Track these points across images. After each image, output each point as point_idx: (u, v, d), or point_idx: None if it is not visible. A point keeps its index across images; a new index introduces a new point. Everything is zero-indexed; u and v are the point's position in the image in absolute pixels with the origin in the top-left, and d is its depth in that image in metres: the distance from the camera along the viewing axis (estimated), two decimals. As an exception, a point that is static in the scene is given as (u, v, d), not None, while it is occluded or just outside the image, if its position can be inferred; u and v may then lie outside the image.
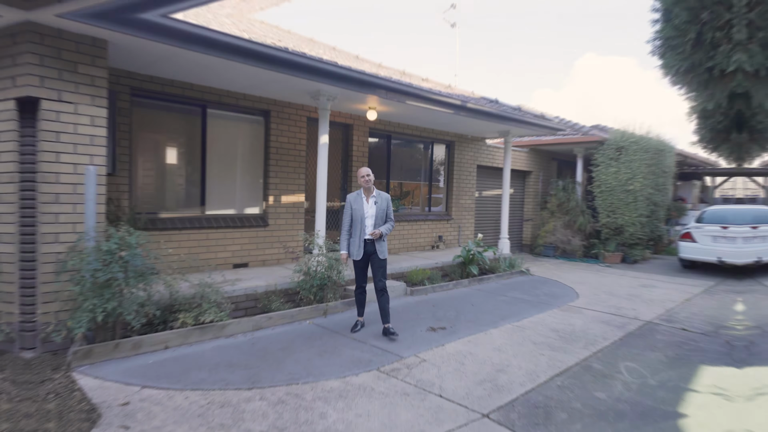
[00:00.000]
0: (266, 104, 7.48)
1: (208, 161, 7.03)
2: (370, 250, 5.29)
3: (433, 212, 10.85)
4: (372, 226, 5.24)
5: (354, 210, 5.25)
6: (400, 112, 8.42)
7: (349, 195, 5.33)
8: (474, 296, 7.71)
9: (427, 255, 9.64)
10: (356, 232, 5.24)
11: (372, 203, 5.27)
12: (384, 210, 5.32)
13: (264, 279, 6.54)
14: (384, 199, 5.36)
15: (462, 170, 11.24)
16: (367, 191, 5.28)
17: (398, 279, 8.04)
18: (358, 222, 5.22)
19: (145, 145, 6.40)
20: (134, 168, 6.29)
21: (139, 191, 6.38)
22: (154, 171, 6.50)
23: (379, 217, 5.26)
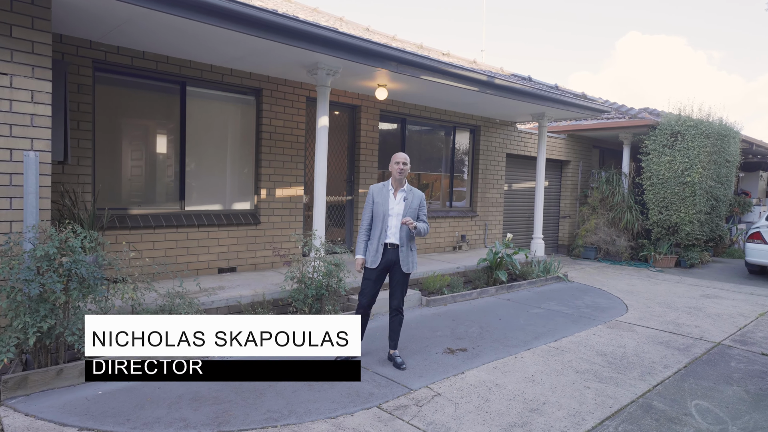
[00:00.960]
0: (257, 81, 6.88)
1: (188, 148, 6.47)
2: (391, 259, 4.47)
3: (455, 208, 10.13)
4: (397, 228, 4.48)
5: (376, 204, 4.53)
6: (416, 90, 7.72)
7: (373, 186, 4.64)
8: (502, 308, 6.99)
9: (448, 257, 8.94)
10: (375, 233, 4.52)
11: (400, 199, 4.53)
12: (415, 210, 4.58)
13: (252, 286, 5.96)
14: (417, 197, 4.62)
15: (489, 160, 10.48)
16: (397, 183, 4.56)
17: (412, 286, 7.37)
18: (379, 220, 4.49)
19: (111, 129, 5.86)
20: (99, 156, 5.76)
21: (105, 183, 5.85)
22: (123, 160, 5.97)
23: (407, 215, 4.52)
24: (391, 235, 4.50)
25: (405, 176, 4.57)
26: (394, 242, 4.50)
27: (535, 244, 9.82)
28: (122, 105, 5.94)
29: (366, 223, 4.57)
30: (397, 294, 4.60)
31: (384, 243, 4.50)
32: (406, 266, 4.55)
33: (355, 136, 8.27)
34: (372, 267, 4.51)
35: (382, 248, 4.50)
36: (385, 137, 8.86)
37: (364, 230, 4.57)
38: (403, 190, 4.58)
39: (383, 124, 8.76)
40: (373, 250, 4.51)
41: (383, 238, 4.49)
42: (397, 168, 4.51)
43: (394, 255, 4.52)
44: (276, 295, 5.74)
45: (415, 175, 9.51)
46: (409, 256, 4.56)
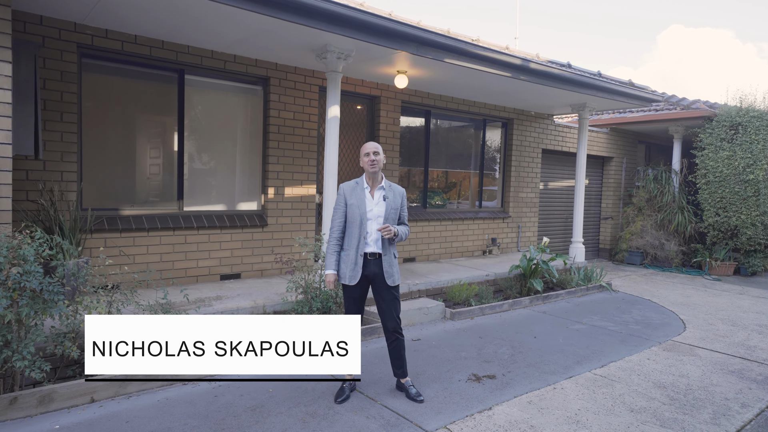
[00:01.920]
0: (264, 69, 6.25)
1: (187, 143, 5.89)
2: (372, 272, 3.76)
3: (485, 208, 9.29)
4: (379, 234, 3.77)
5: (350, 206, 3.79)
6: (441, 78, 6.94)
7: (344, 184, 3.89)
8: (537, 323, 6.14)
9: (476, 263, 8.13)
10: (351, 242, 3.78)
11: (379, 198, 3.81)
12: (396, 210, 3.87)
13: (253, 296, 5.33)
14: (398, 194, 3.90)
15: (522, 156, 9.59)
16: (372, 179, 3.82)
17: (435, 296, 6.61)
18: (356, 226, 3.76)
19: (101, 121, 5.33)
20: (86, 152, 5.23)
21: (93, 182, 5.32)
22: (113, 156, 5.43)
23: (390, 220, 3.83)
24: (372, 242, 3.78)
25: (379, 169, 3.82)
26: (375, 251, 3.78)
27: (575, 248, 8.87)
28: (113, 95, 5.41)
29: (337, 230, 3.82)
30: (391, 313, 3.86)
31: (364, 253, 3.77)
32: (392, 278, 3.82)
33: (374, 130, 7.55)
34: (351, 283, 3.78)
35: (362, 259, 3.77)
36: (407, 132, 8.12)
37: (335, 239, 3.82)
38: (381, 188, 3.84)
39: (405, 117, 8.01)
40: (351, 262, 3.77)
41: (362, 248, 3.76)
42: (367, 161, 3.76)
43: (377, 266, 3.79)
44: (278, 307, 5.09)
45: (442, 173, 8.73)
46: (393, 265, 3.84)
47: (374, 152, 3.77)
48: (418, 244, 8.04)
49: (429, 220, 8.13)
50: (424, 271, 7.28)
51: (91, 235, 5.13)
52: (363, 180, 3.84)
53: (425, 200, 8.32)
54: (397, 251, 3.96)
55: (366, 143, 3.83)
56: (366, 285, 3.85)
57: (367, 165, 3.76)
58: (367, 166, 3.76)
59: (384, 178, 3.89)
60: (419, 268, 7.51)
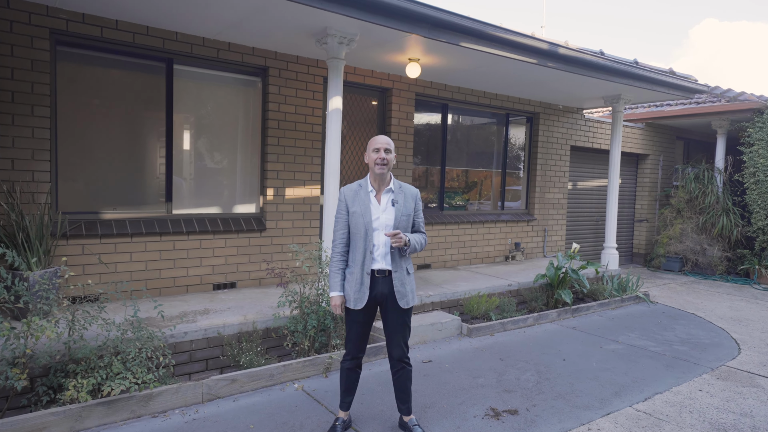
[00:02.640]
0: (262, 58, 5.68)
1: (176, 140, 5.37)
2: (382, 292, 3.16)
3: (507, 210, 8.56)
4: (387, 246, 3.15)
5: (352, 215, 3.17)
6: (459, 66, 6.27)
7: (346, 188, 3.27)
8: (566, 341, 5.41)
9: (498, 271, 7.42)
10: (356, 257, 3.17)
11: (387, 203, 3.18)
12: (409, 216, 3.22)
13: (245, 310, 4.77)
14: (410, 196, 3.26)
15: (549, 153, 8.82)
16: (380, 180, 3.19)
17: (451, 309, 5.94)
18: (360, 238, 3.15)
19: (78, 116, 4.84)
20: (61, 149, 4.75)
21: (70, 182, 4.83)
22: (93, 153, 4.93)
23: (401, 229, 3.19)
24: (380, 257, 3.16)
25: (389, 170, 3.19)
26: (383, 267, 3.16)
27: (607, 255, 8.07)
28: (93, 87, 4.91)
29: (340, 244, 3.21)
30: (398, 340, 3.24)
31: (371, 270, 3.15)
32: (404, 299, 3.19)
33: (385, 126, 6.92)
34: (357, 307, 3.16)
35: (369, 278, 3.15)
36: (422, 127, 7.46)
37: (338, 254, 3.21)
38: (389, 190, 3.21)
39: (420, 111, 7.36)
40: (356, 282, 3.15)
41: (368, 264, 3.14)
42: (376, 158, 3.13)
43: (386, 285, 3.17)
44: (270, 323, 4.51)
45: (461, 172, 8.04)
46: (406, 284, 3.20)
47: (386, 149, 3.14)
48: (433, 249, 7.38)
49: (446, 223, 7.46)
50: (440, 280, 6.62)
51: (67, 242, 4.64)
52: (367, 182, 3.21)
53: (442, 201, 7.65)
54: (412, 266, 3.30)
55: (376, 136, 3.20)
56: (374, 308, 3.23)
57: (376, 164, 3.12)
58: (374, 165, 3.13)
59: (393, 179, 3.25)
60: (434, 276, 6.85)
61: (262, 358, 4.16)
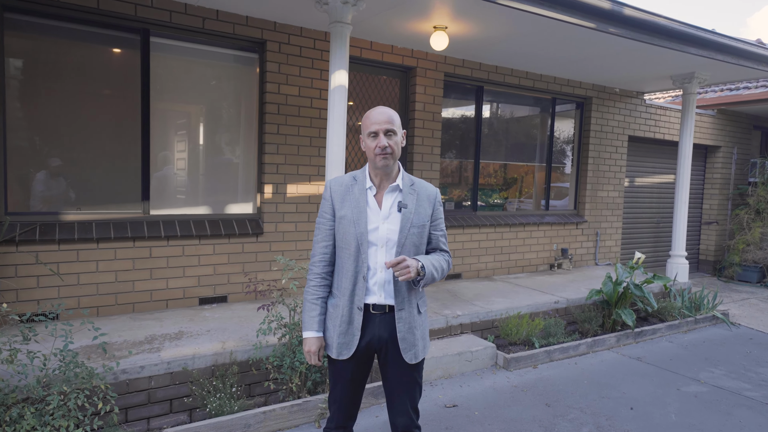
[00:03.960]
0: (259, 30, 4.77)
1: (155, 127, 4.53)
2: (378, 337, 2.17)
3: (552, 210, 7.38)
4: (387, 273, 2.16)
5: (340, 220, 2.16)
6: (495, 35, 5.18)
7: (332, 181, 2.26)
8: (630, 378, 4.26)
9: (541, 283, 6.28)
10: (342, 283, 2.18)
11: (391, 207, 2.18)
12: (423, 227, 2.20)
13: (228, 333, 3.88)
14: (425, 198, 2.24)
15: (603, 144, 7.57)
16: (382, 174, 2.18)
17: (483, 332, 4.88)
18: (349, 255, 2.16)
19: (32, 99, 4.06)
20: (10, 138, 3.97)
21: (21, 178, 4.05)
22: (52, 143, 4.14)
23: (410, 245, 2.17)
24: (377, 286, 2.16)
25: (396, 159, 2.17)
26: (382, 302, 2.17)
27: (675, 265, 6.77)
28: (50, 64, 4.11)
29: (321, 262, 2.22)
30: (402, 405, 2.24)
31: (363, 304, 2.16)
32: (412, 350, 2.18)
33: (407, 111, 5.90)
34: (342, 357, 2.18)
35: (360, 316, 2.16)
36: (452, 114, 6.40)
37: (317, 275, 2.23)
38: (395, 188, 2.20)
39: (450, 94, 6.29)
40: (341, 319, 2.16)
41: (360, 295, 2.15)
42: (375, 147, 2.11)
43: (385, 327, 2.17)
44: (252, 353, 3.59)
45: (498, 167, 6.92)
46: (415, 328, 2.20)
47: (387, 130, 2.10)
48: (465, 256, 6.32)
49: (480, 225, 6.38)
50: (471, 294, 5.56)
51: (16, 249, 3.87)
52: (365, 174, 2.21)
53: (475, 200, 6.57)
54: (425, 301, 2.30)
55: (371, 111, 2.16)
56: (368, 358, 2.24)
57: (376, 155, 2.11)
58: (374, 156, 2.11)
59: (402, 171, 2.24)
60: (464, 289, 5.79)
61: (235, 403, 3.24)
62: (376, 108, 2.16)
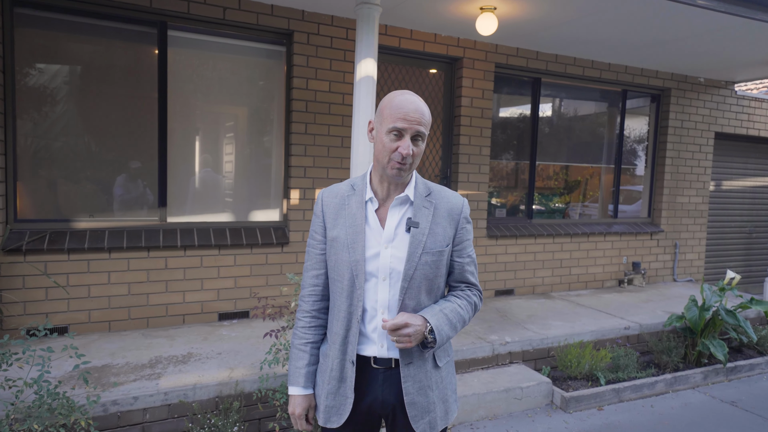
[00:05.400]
0: (285, 19, 4.34)
1: (172, 128, 4.20)
2: (382, 401, 1.62)
3: (622, 219, 6.48)
4: (394, 308, 1.58)
5: (332, 243, 1.62)
6: (554, 17, 4.47)
7: (326, 192, 1.70)
8: (723, 429, 3.42)
9: (608, 302, 5.44)
10: (334, 326, 1.63)
11: (397, 221, 1.59)
12: (440, 254, 1.60)
13: (240, 358, 3.46)
14: (447, 214, 1.63)
15: (684, 143, 6.57)
16: (389, 183, 1.61)
17: (537, 362, 4.18)
18: (342, 291, 1.60)
19: (43, 98, 3.82)
20: (20, 141, 3.75)
21: (31, 182, 3.82)
22: (63, 146, 3.89)
23: (422, 275, 1.58)
24: (376, 333, 1.61)
25: (413, 170, 1.61)
26: (384, 355, 1.62)
27: (774, 284, 5.70)
28: (61, 60, 3.86)
29: (311, 297, 1.70)
30: None
31: (355, 356, 1.61)
32: (426, 416, 1.62)
33: (453, 107, 5.28)
34: (331, 425, 1.64)
35: (353, 372, 1.61)
36: (504, 109, 5.70)
37: (307, 314, 1.70)
38: (403, 199, 1.62)
39: (502, 88, 5.60)
40: (331, 374, 1.63)
41: (354, 343, 1.61)
42: (397, 150, 1.52)
43: (391, 388, 1.62)
44: (258, 384, 3.12)
45: (559, 169, 6.13)
46: (430, 386, 1.64)
47: (416, 132, 1.51)
48: (518, 269, 5.59)
49: (535, 235, 5.63)
50: (523, 314, 4.85)
51: (24, 258, 3.63)
52: (366, 182, 1.65)
53: (530, 207, 5.82)
54: (449, 347, 1.73)
55: (396, 95, 1.54)
56: (370, 428, 1.68)
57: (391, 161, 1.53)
58: (387, 160, 1.54)
59: (416, 176, 1.66)
60: (516, 308, 5.08)
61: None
62: (402, 93, 1.55)
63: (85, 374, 2.62)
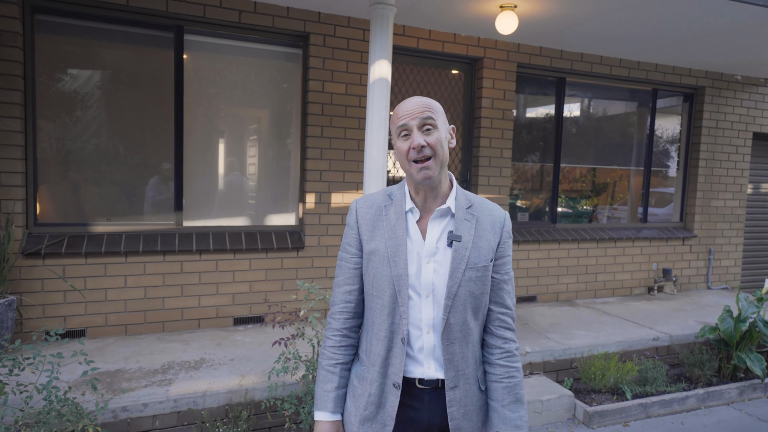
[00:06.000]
0: (301, 21, 4.29)
1: (188, 132, 4.20)
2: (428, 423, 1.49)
3: (652, 223, 6.22)
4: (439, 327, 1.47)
5: (371, 255, 1.49)
6: (579, 13, 4.28)
7: (361, 201, 1.58)
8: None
9: (636, 310, 5.21)
10: (372, 346, 1.49)
11: (438, 234, 1.48)
12: (485, 269, 1.47)
13: (253, 364, 3.42)
14: (491, 225, 1.51)
15: (719, 143, 6.26)
16: (426, 191, 1.49)
17: (558, 373, 4.01)
18: (382, 308, 1.46)
19: (60, 103, 3.86)
20: (40, 144, 3.80)
21: (51, 186, 3.87)
22: (80, 150, 3.93)
23: (467, 292, 1.46)
24: (424, 351, 1.47)
25: (442, 167, 1.46)
26: (431, 375, 1.48)
27: (818, 294, 5.34)
28: (79, 65, 3.90)
29: (342, 314, 1.54)
30: None
31: (401, 380, 1.46)
32: None
33: (473, 108, 5.14)
34: None
35: (396, 397, 1.47)
36: (526, 111, 5.53)
37: (336, 332, 1.54)
38: (444, 211, 1.50)
39: (524, 88, 5.44)
40: (367, 400, 1.48)
41: (397, 365, 1.47)
42: (408, 149, 1.43)
43: (437, 410, 1.48)
44: (268, 392, 3.07)
45: (585, 171, 5.92)
46: (476, 410, 1.52)
47: (422, 121, 1.42)
48: (540, 276, 5.41)
49: (559, 240, 5.44)
50: (546, 322, 4.68)
51: (43, 262, 3.68)
52: (404, 191, 1.54)
53: (554, 211, 5.63)
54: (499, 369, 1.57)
55: (402, 103, 1.48)
56: None
57: (411, 161, 1.44)
58: (409, 163, 1.44)
59: (456, 187, 1.55)
60: (538, 316, 4.91)
61: (242, 456, 2.73)
62: (406, 99, 1.49)
63: (93, 381, 2.61)
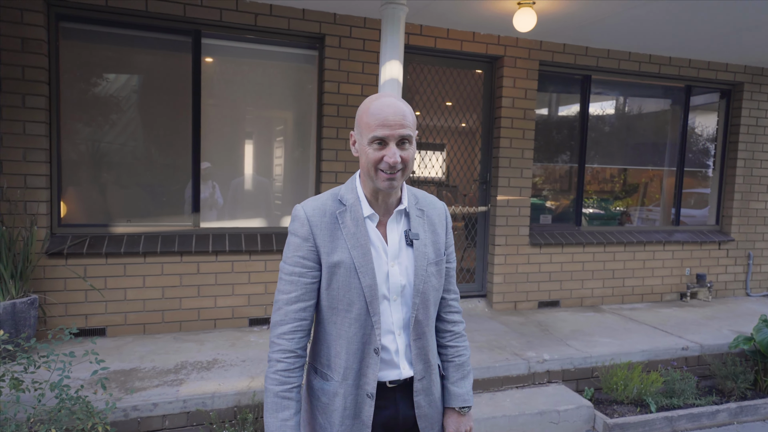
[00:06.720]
0: (317, 23, 4.29)
1: (205, 135, 4.25)
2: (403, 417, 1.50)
3: (684, 226, 5.94)
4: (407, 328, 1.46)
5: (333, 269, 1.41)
6: (597, 8, 4.12)
7: (308, 206, 1.48)
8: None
9: (665, 318, 4.98)
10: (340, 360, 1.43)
11: (399, 236, 1.47)
12: (440, 261, 1.51)
13: (264, 365, 3.42)
14: (438, 218, 1.54)
15: (759, 142, 5.93)
16: (383, 195, 1.46)
17: (577, 382, 3.86)
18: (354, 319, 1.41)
19: (83, 107, 3.97)
20: (64, 147, 3.91)
21: (74, 188, 3.98)
22: (101, 152, 4.02)
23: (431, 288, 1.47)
24: (398, 354, 1.48)
25: (407, 175, 1.43)
26: (404, 374, 1.49)
27: None
28: (101, 70, 4.00)
29: (291, 334, 1.42)
30: None
31: (375, 389, 1.44)
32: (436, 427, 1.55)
33: (492, 108, 5.02)
34: None
35: (371, 405, 1.44)
36: (549, 110, 5.37)
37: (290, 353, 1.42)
38: (401, 212, 1.49)
39: (547, 87, 5.28)
40: (343, 413, 1.44)
41: (372, 375, 1.44)
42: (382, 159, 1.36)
43: (406, 404, 1.51)
44: (278, 398, 3.05)
45: (614, 172, 5.71)
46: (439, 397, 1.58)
47: (401, 136, 1.36)
48: (564, 280, 5.24)
49: (583, 243, 5.26)
50: (567, 329, 4.52)
51: (66, 262, 3.79)
52: (357, 194, 1.47)
53: (578, 213, 5.44)
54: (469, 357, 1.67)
55: (373, 101, 1.40)
56: None
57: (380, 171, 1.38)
58: (375, 171, 1.39)
59: (404, 186, 1.52)
60: (560, 321, 4.75)
61: (246, 459, 2.73)
62: (378, 97, 1.40)
63: (103, 380, 2.67)
